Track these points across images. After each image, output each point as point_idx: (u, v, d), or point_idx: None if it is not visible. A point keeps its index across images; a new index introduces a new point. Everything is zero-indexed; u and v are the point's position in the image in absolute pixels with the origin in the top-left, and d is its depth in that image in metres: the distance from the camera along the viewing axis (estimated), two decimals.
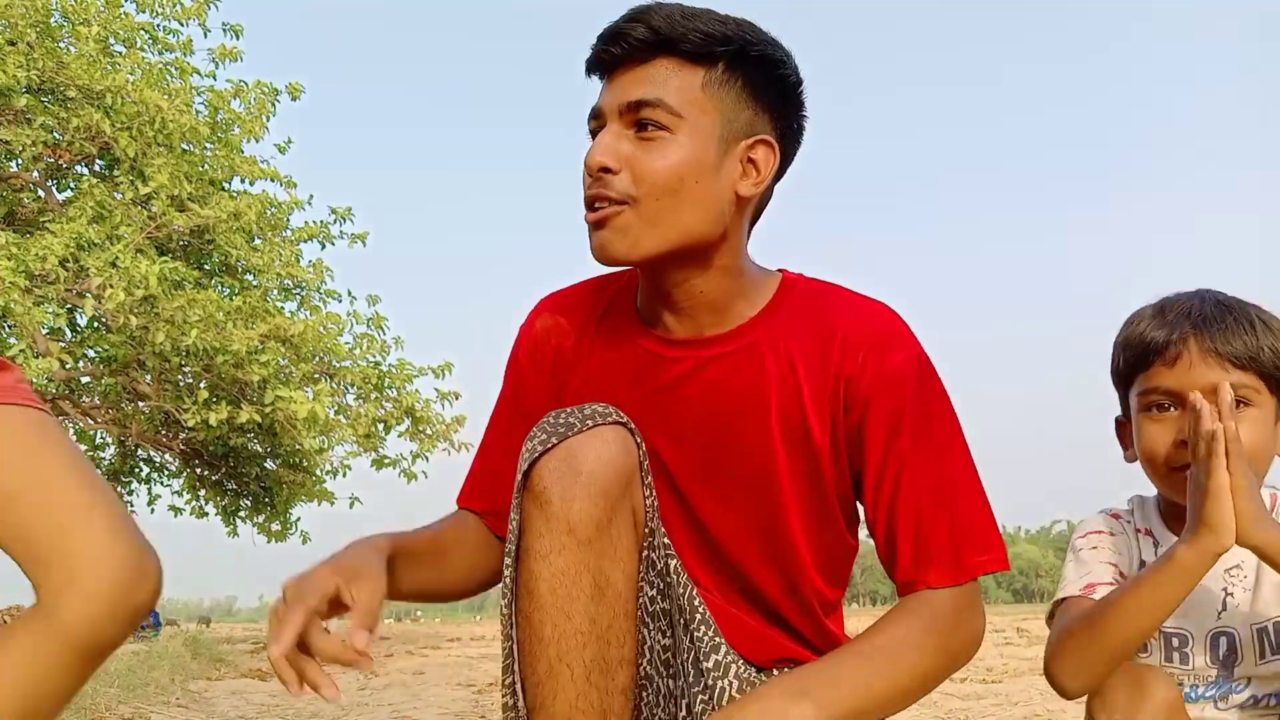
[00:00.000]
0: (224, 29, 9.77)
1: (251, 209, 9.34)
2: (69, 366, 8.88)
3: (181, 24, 9.72)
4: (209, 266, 9.95)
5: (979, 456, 1.21)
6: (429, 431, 10.80)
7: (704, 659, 1.12)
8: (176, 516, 11.15)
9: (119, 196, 8.78)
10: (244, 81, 10.04)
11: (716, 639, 1.13)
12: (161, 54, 9.73)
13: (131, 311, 7.98)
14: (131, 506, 10.86)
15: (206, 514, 11.21)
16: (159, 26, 9.70)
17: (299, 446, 9.72)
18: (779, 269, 1.28)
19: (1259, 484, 1.27)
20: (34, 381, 7.38)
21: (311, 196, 10.71)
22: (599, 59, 1.18)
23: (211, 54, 9.87)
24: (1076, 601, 1.25)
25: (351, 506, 11.95)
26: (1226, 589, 1.27)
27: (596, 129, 1.17)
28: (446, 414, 11.09)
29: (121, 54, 9.23)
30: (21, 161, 8.74)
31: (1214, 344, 1.23)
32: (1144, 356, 1.28)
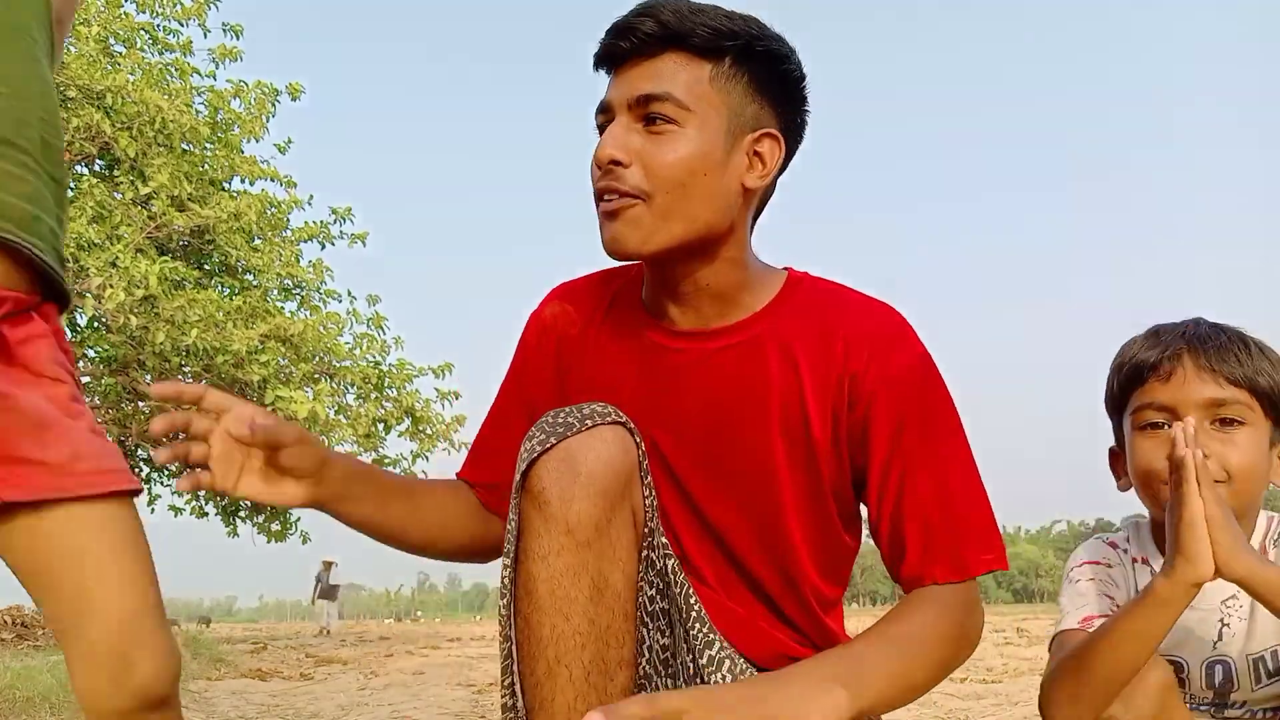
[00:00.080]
0: (224, 29, 9.78)
1: (251, 209, 9.35)
2: None
3: (181, 24, 9.73)
4: (209, 266, 9.95)
5: (980, 457, 1.21)
6: (429, 431, 10.81)
7: (699, 655, 1.12)
8: (176, 516, 11.14)
9: (119, 196, 8.79)
10: (244, 81, 10.05)
11: (711, 635, 1.13)
12: (161, 54, 9.74)
13: (131, 311, 7.98)
14: None
15: (206, 514, 11.21)
16: (159, 26, 9.72)
17: None
18: (785, 267, 1.29)
19: (1256, 507, 1.25)
20: None
21: (311, 196, 10.72)
22: (607, 53, 1.18)
23: (211, 54, 9.87)
24: (1073, 635, 1.23)
25: None
26: (1223, 619, 1.25)
27: (605, 123, 1.17)
28: (446, 414, 11.09)
29: (121, 54, 9.24)
30: None
31: (1208, 360, 1.22)
32: (1138, 374, 1.27)
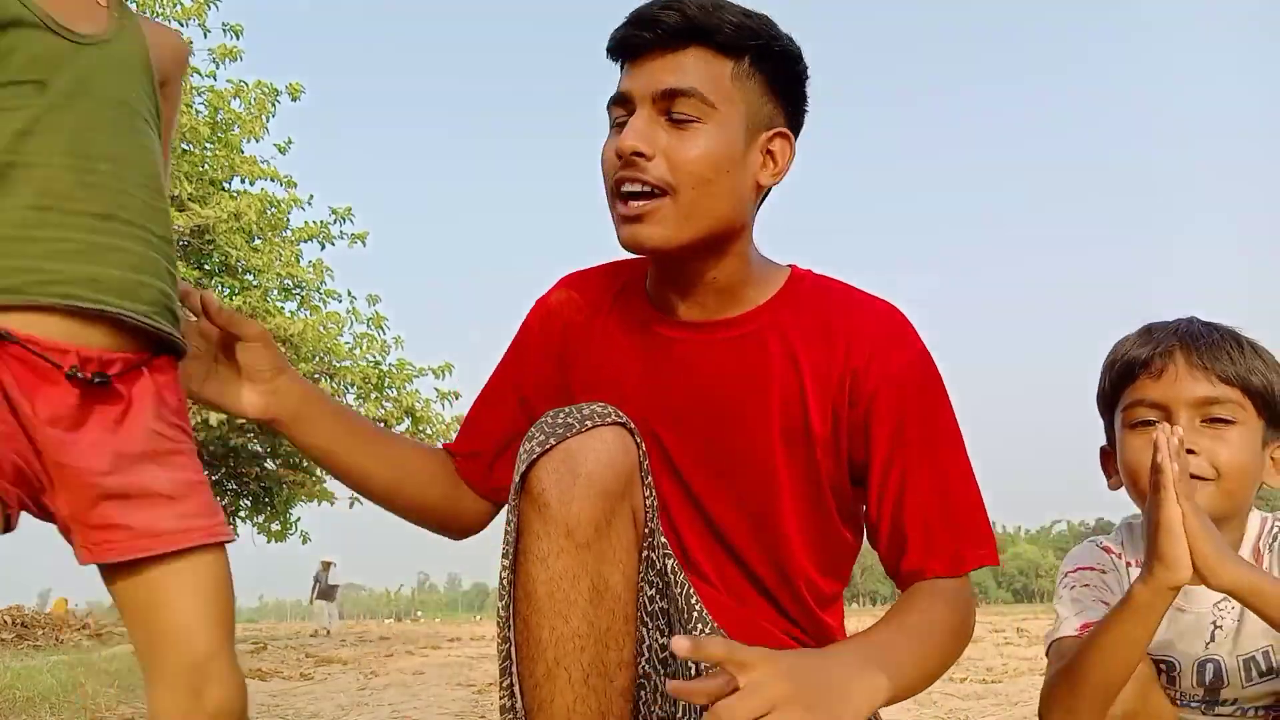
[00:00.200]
0: (224, 29, 9.79)
1: (251, 209, 9.35)
2: None
3: (181, 24, 9.72)
4: (209, 266, 9.95)
5: (980, 456, 1.22)
6: (429, 431, 10.82)
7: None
8: None
9: None
10: (244, 81, 10.06)
11: (713, 635, 1.12)
12: None
13: None
14: None
15: None
16: None
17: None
18: (789, 264, 1.30)
19: (1245, 507, 1.25)
20: None
21: (312, 196, 10.73)
22: (626, 43, 1.17)
23: (211, 54, 9.88)
24: (1070, 643, 1.23)
25: (351, 506, 11.96)
26: (1215, 621, 1.25)
27: (622, 115, 1.17)
28: (446, 414, 11.11)
29: None
30: None
31: (1200, 358, 1.22)
32: (1130, 371, 1.27)
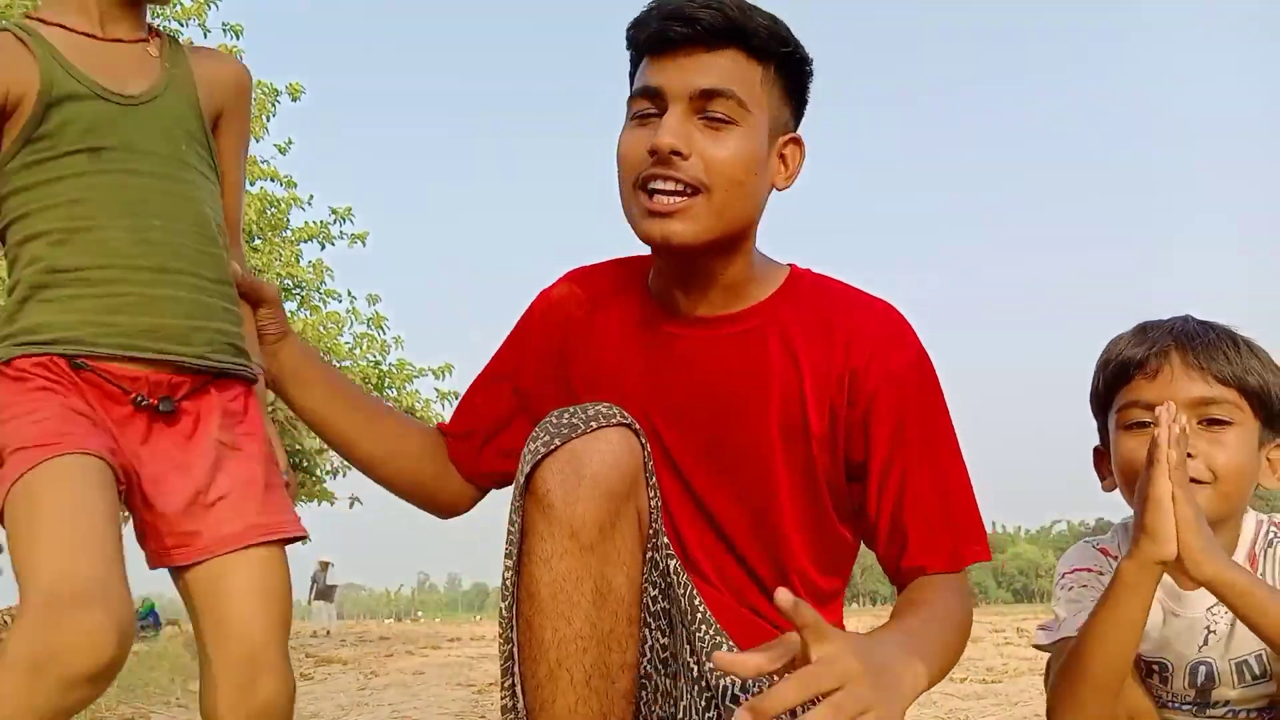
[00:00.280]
0: (224, 29, 9.76)
1: (251, 209, 9.34)
2: None
3: (181, 24, 9.71)
4: None
5: (980, 456, 1.23)
6: None
7: (706, 658, 1.11)
8: None
9: None
10: None
11: (718, 638, 1.13)
12: None
13: None
14: None
15: None
16: (159, 26, 9.70)
17: (299, 446, 9.72)
18: (789, 263, 1.31)
19: (1241, 508, 1.24)
20: None
21: (312, 196, 10.72)
22: (662, 36, 1.15)
23: None
24: (1070, 644, 1.21)
25: (351, 506, 11.98)
26: (1209, 626, 1.24)
27: (648, 108, 1.16)
28: (446, 414, 11.08)
29: None
30: None
31: (1197, 358, 1.21)
32: (1125, 371, 1.25)
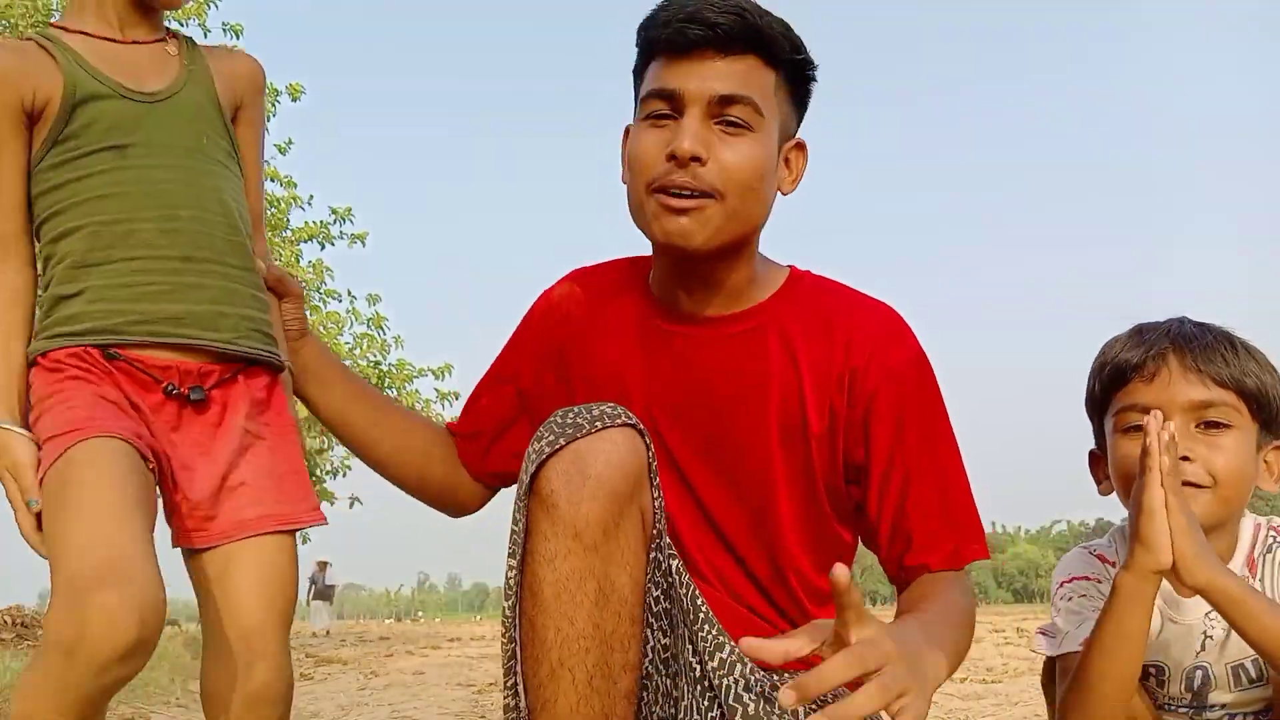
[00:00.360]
0: (224, 29, 9.77)
1: None
2: None
3: (181, 24, 9.71)
4: None
5: (980, 456, 1.25)
6: None
7: (709, 659, 1.11)
8: None
9: None
10: None
11: (721, 638, 1.12)
12: None
13: None
14: None
15: None
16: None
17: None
18: (788, 265, 1.31)
19: (1240, 512, 1.25)
20: None
21: (312, 196, 10.73)
22: (678, 38, 1.15)
23: None
24: (1076, 658, 1.21)
25: (351, 506, 11.97)
26: (1206, 632, 1.24)
27: (664, 109, 1.17)
28: (446, 414, 11.09)
29: None
30: None
31: (1195, 361, 1.20)
32: (1121, 375, 1.25)
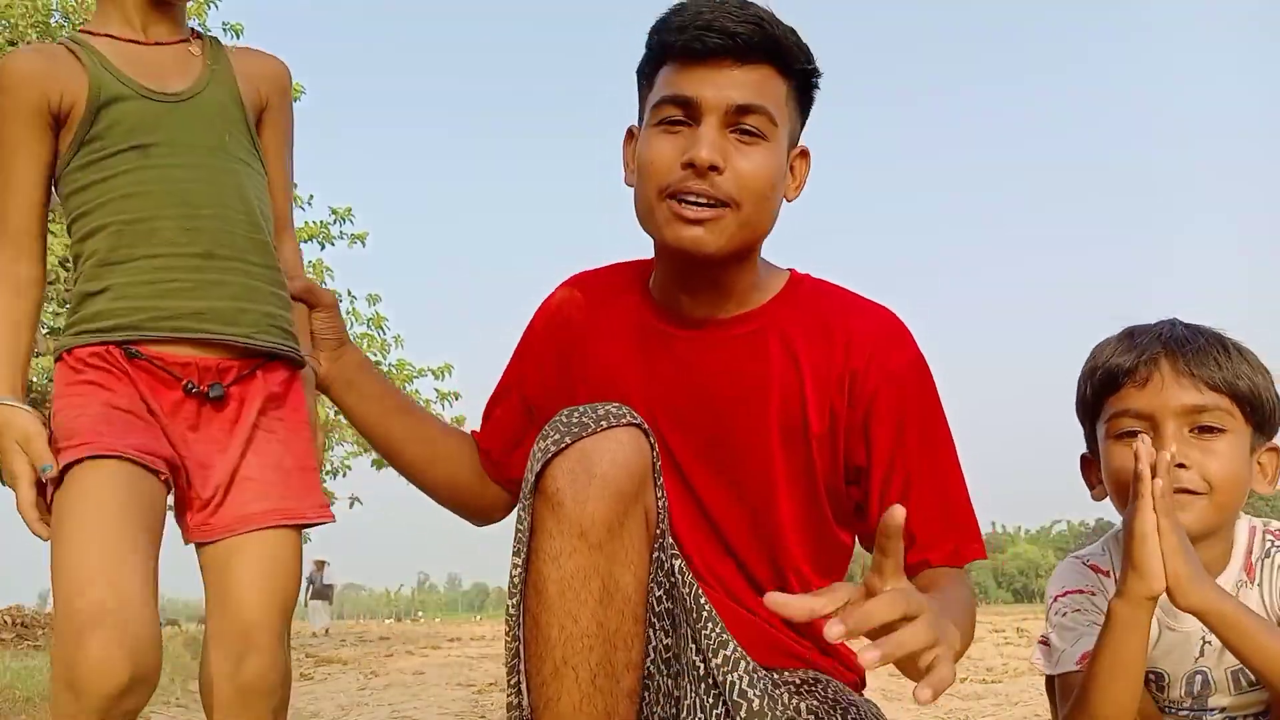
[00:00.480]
0: (224, 29, 9.76)
1: None
2: None
3: None
4: None
5: (979, 456, 1.26)
6: None
7: (712, 656, 1.12)
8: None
9: None
10: None
11: (724, 636, 1.13)
12: None
13: None
14: None
15: None
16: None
17: None
18: (788, 268, 1.32)
19: (1235, 517, 1.25)
20: (33, 381, 7.37)
21: (312, 196, 10.72)
22: (695, 45, 1.15)
23: None
24: (1074, 678, 1.21)
25: (351, 507, 11.99)
26: (1205, 637, 1.24)
27: (678, 115, 1.17)
28: (446, 414, 11.10)
29: None
30: None
31: (1187, 365, 1.20)
32: (1113, 380, 1.24)
